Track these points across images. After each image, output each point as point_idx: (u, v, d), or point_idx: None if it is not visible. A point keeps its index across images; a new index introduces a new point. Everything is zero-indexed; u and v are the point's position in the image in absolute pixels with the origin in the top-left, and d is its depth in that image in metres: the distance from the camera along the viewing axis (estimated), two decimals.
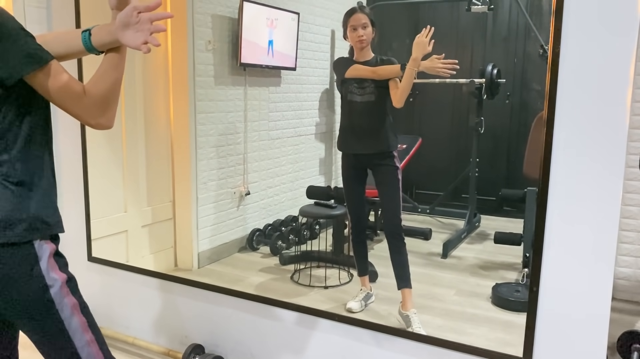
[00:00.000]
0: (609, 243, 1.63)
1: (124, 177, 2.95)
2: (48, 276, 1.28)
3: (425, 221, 4.27)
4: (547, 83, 1.64)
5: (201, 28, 3.20)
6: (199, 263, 3.31)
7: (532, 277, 1.74)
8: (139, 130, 3.01)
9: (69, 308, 1.32)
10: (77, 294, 1.36)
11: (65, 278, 1.33)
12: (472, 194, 4.07)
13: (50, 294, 1.28)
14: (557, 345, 1.74)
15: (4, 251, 1.23)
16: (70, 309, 1.32)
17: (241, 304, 2.36)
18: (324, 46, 4.32)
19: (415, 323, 2.49)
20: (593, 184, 1.63)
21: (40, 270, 1.27)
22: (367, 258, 2.89)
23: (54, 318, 1.30)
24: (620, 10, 1.54)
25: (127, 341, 2.60)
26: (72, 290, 1.34)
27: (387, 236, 2.69)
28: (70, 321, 1.32)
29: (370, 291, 2.81)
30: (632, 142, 3.01)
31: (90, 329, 1.36)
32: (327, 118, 4.40)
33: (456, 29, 4.65)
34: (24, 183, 1.28)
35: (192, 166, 3.21)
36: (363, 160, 2.68)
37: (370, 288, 2.82)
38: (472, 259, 3.52)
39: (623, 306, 3.07)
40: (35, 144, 1.31)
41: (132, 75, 2.93)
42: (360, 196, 2.80)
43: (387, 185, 2.63)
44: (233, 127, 3.52)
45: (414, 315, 2.52)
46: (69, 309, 1.32)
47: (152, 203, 3.13)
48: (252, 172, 3.72)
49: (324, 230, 3.81)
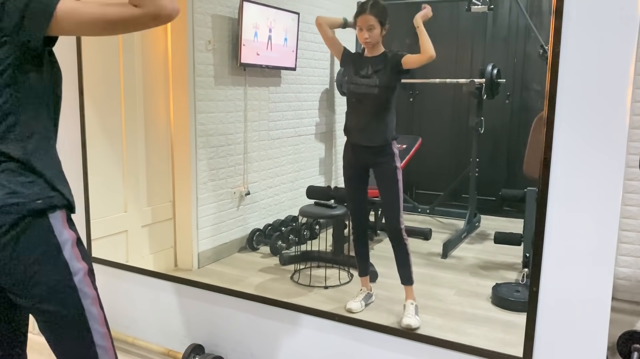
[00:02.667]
0: (609, 243, 1.63)
1: (124, 177, 2.95)
2: (72, 263, 1.32)
3: (425, 221, 4.27)
4: (547, 83, 1.64)
5: (201, 28, 3.20)
6: (199, 263, 3.31)
7: (532, 277, 1.74)
8: (139, 130, 3.01)
9: (90, 298, 1.34)
10: (95, 287, 1.38)
11: (87, 269, 1.35)
12: (472, 194, 4.07)
13: (74, 281, 1.31)
14: (557, 345, 1.74)
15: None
16: (91, 300, 1.35)
17: (241, 304, 2.36)
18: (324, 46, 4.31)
19: (409, 312, 2.53)
20: (593, 184, 1.63)
21: (64, 258, 1.30)
22: (368, 259, 2.89)
23: (77, 304, 1.32)
24: (620, 10, 1.54)
25: (127, 341, 2.60)
26: (92, 282, 1.37)
27: (389, 236, 2.71)
28: (90, 310, 1.34)
29: (370, 291, 2.81)
30: (632, 142, 3.01)
31: (105, 323, 1.39)
32: (327, 118, 4.40)
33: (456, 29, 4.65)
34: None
35: (192, 166, 3.21)
36: (362, 157, 2.68)
37: (370, 289, 2.82)
38: (472, 259, 3.52)
39: (623, 306, 3.07)
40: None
41: (132, 75, 2.93)
42: (361, 197, 2.80)
43: (387, 185, 2.64)
44: (233, 127, 3.52)
45: (410, 305, 2.56)
46: (90, 299, 1.34)
47: (152, 203, 3.13)
48: (252, 172, 3.72)
49: (324, 230, 3.81)
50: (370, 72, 2.60)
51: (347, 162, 2.76)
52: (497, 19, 4.47)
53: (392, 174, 2.61)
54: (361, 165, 2.71)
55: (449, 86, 4.40)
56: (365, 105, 2.63)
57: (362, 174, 2.74)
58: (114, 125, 2.88)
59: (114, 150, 2.88)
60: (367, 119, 2.63)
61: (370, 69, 2.60)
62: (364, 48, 2.66)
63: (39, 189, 1.29)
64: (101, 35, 1.28)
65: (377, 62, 2.61)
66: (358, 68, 2.64)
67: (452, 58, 4.69)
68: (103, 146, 2.82)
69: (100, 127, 2.77)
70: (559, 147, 1.66)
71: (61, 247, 1.31)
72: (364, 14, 2.56)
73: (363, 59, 2.65)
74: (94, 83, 2.69)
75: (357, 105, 2.67)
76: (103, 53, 2.78)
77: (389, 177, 2.62)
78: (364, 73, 2.62)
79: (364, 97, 2.61)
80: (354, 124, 2.68)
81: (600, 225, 1.63)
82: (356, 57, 2.69)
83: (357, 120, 2.67)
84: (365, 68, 2.62)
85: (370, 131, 2.63)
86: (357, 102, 2.67)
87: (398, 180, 2.61)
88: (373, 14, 2.55)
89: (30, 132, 1.29)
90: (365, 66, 2.63)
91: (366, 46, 2.62)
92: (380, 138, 2.61)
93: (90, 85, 2.66)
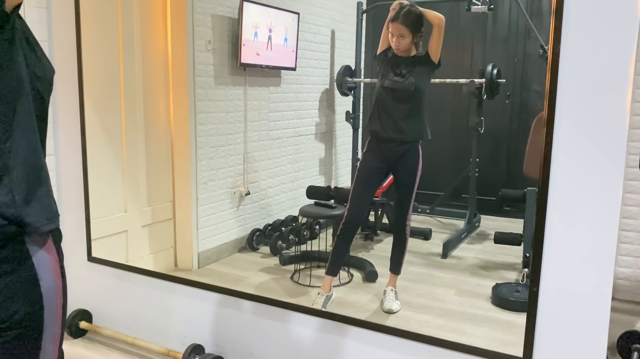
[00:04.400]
0: (609, 243, 1.63)
1: (124, 177, 2.95)
2: None
3: (425, 221, 4.27)
4: (547, 83, 1.64)
5: (201, 28, 3.20)
6: (199, 263, 3.31)
7: (532, 277, 1.74)
8: (139, 130, 3.01)
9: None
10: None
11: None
12: (472, 194, 4.07)
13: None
14: (557, 345, 1.74)
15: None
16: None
17: (241, 305, 2.36)
18: (324, 46, 4.32)
19: (388, 298, 2.61)
20: (593, 184, 1.63)
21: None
22: (344, 258, 2.90)
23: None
24: (620, 10, 1.54)
25: (127, 341, 2.60)
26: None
27: (393, 229, 2.82)
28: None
29: (330, 293, 2.78)
30: (632, 142, 3.01)
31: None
32: (327, 118, 4.40)
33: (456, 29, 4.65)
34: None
35: (192, 166, 3.21)
36: (390, 154, 2.70)
37: (330, 290, 2.78)
38: (472, 259, 3.52)
39: (623, 306, 3.07)
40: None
41: (132, 75, 2.93)
42: (368, 197, 2.82)
43: (408, 183, 2.73)
44: (233, 127, 3.52)
45: (390, 291, 2.67)
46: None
47: (152, 203, 3.13)
48: (252, 172, 3.72)
49: (324, 230, 3.81)
50: (404, 72, 2.65)
51: (368, 160, 2.75)
52: (497, 19, 4.47)
53: (415, 174, 2.69)
54: (385, 164, 2.73)
55: (449, 86, 4.40)
56: (400, 103, 2.67)
57: (379, 175, 2.78)
58: (114, 125, 2.88)
59: (114, 150, 2.88)
60: (401, 117, 2.67)
61: (404, 69, 2.65)
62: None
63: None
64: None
65: (410, 63, 2.65)
66: (394, 66, 2.67)
67: (452, 58, 4.69)
68: (103, 146, 2.82)
69: (100, 127, 2.77)
70: (559, 147, 1.66)
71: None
72: (396, 23, 2.58)
73: (398, 58, 2.67)
74: (94, 83, 2.69)
75: (392, 103, 2.69)
76: (103, 53, 2.78)
77: (412, 175, 2.70)
78: (399, 72, 2.66)
79: (399, 94, 2.65)
80: (386, 122, 2.70)
81: (600, 225, 1.63)
82: (391, 56, 2.70)
83: (391, 118, 2.69)
84: (400, 68, 2.66)
85: (404, 127, 2.68)
86: (392, 100, 2.68)
87: (417, 181, 2.70)
88: (405, 24, 2.56)
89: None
90: (400, 65, 2.66)
91: (397, 51, 2.65)
92: (416, 133, 2.69)
93: (90, 85, 2.66)
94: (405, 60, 2.65)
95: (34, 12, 2.59)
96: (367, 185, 2.77)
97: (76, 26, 2.60)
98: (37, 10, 2.61)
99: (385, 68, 2.69)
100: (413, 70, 2.64)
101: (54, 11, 2.66)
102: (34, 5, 2.59)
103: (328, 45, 4.34)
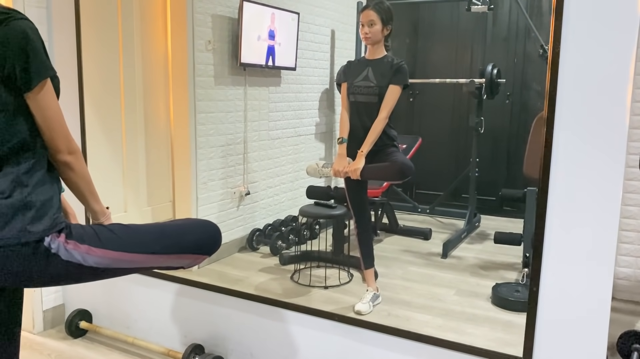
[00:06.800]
0: (609, 243, 1.63)
1: (124, 177, 2.95)
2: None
3: (425, 221, 4.27)
4: (547, 83, 1.64)
5: (201, 28, 3.20)
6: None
7: (532, 277, 1.74)
8: (139, 130, 3.01)
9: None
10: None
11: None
12: (472, 194, 4.07)
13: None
14: (557, 345, 1.74)
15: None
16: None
17: (241, 305, 2.36)
18: (324, 46, 4.32)
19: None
20: (593, 184, 1.63)
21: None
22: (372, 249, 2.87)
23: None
24: (620, 10, 1.54)
25: (127, 341, 2.61)
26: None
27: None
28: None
29: (377, 291, 2.76)
30: (632, 142, 3.01)
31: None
32: (327, 118, 4.40)
33: (456, 29, 4.66)
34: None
35: (192, 166, 3.21)
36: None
37: (376, 288, 2.77)
38: (472, 259, 3.52)
39: (623, 306, 3.08)
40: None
41: (132, 75, 2.93)
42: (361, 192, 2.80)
43: (383, 160, 2.67)
44: (233, 127, 3.52)
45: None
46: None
47: (152, 203, 3.13)
48: (252, 172, 3.72)
49: (324, 230, 3.81)
50: (369, 75, 2.62)
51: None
52: (497, 19, 4.48)
53: (388, 152, 2.66)
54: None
55: (449, 86, 4.40)
56: (365, 108, 2.64)
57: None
58: (114, 125, 2.87)
59: (114, 150, 2.88)
60: (366, 123, 2.64)
61: (370, 72, 2.63)
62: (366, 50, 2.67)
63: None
64: (42, 129, 1.32)
65: (377, 65, 2.62)
66: (358, 72, 2.66)
67: (452, 58, 4.70)
68: (103, 146, 2.82)
69: (100, 127, 2.77)
70: (559, 147, 1.66)
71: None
72: (366, 10, 2.61)
73: (362, 62, 2.67)
74: (94, 83, 2.69)
75: (357, 109, 2.67)
76: (103, 53, 2.78)
77: (385, 155, 2.67)
78: (363, 77, 2.64)
79: (363, 100, 2.63)
80: (355, 128, 2.69)
81: (600, 225, 1.63)
82: (356, 63, 2.71)
83: (357, 124, 2.68)
84: (365, 71, 2.64)
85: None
86: (357, 105, 2.67)
87: (396, 150, 2.69)
88: (375, 10, 2.59)
89: None
90: (365, 69, 2.64)
91: (366, 42, 2.63)
92: (382, 140, 2.64)
93: (90, 85, 2.66)
94: (370, 64, 2.65)
95: (34, 12, 2.59)
96: (354, 184, 2.76)
97: (76, 26, 2.60)
98: (37, 10, 2.61)
99: (351, 75, 2.71)
100: (377, 74, 2.63)
101: (54, 11, 2.66)
102: (34, 5, 2.59)
103: (328, 45, 4.34)
